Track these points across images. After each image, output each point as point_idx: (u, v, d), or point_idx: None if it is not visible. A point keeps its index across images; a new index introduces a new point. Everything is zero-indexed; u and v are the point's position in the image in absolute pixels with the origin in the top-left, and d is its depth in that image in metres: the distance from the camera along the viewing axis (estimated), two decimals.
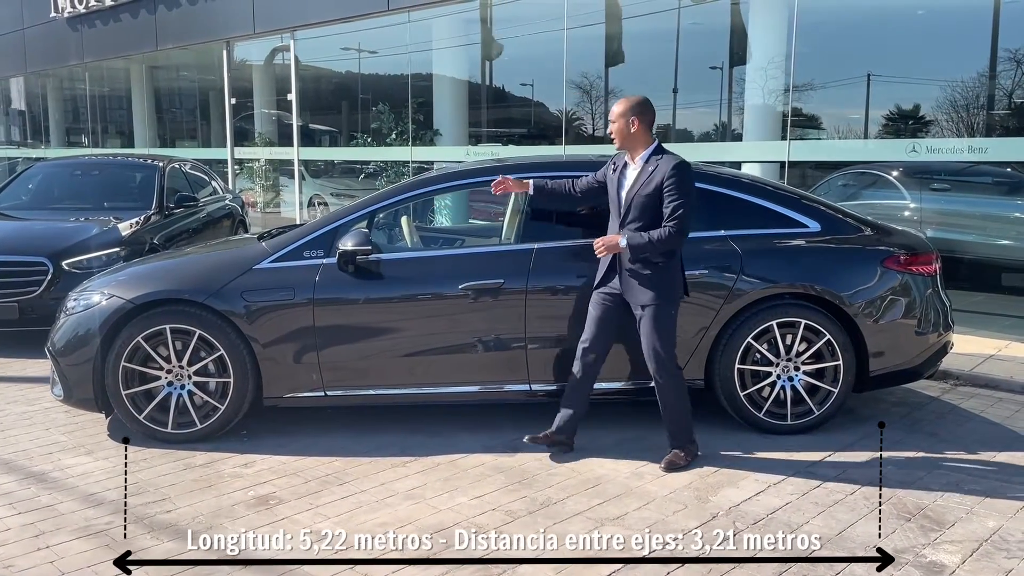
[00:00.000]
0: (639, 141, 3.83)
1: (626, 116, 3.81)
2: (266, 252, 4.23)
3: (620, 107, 3.84)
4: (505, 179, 4.14)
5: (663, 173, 3.71)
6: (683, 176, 3.70)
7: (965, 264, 7.02)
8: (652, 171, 3.75)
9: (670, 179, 3.68)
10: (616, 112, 3.85)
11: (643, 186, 3.76)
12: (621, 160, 3.93)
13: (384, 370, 4.16)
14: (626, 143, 3.86)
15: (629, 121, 3.80)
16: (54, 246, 6.03)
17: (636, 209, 3.77)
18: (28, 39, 16.03)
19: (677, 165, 3.71)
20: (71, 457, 3.97)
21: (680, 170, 3.70)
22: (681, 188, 3.69)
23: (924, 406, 4.73)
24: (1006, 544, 3.10)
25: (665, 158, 3.77)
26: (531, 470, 3.80)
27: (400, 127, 10.45)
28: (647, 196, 3.74)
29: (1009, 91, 6.83)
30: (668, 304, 3.78)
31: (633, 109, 3.81)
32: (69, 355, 4.14)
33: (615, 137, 3.87)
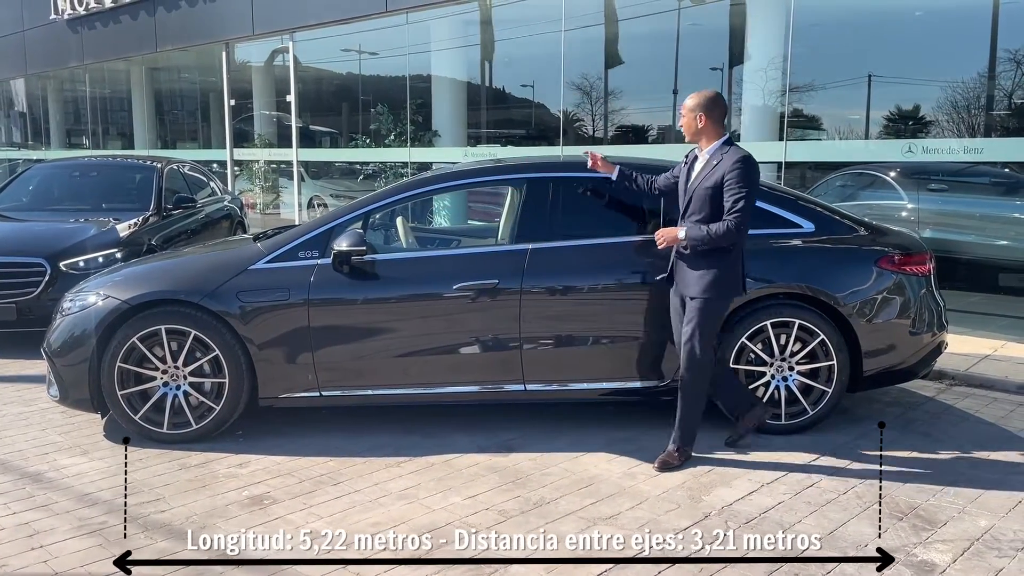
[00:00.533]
0: (706, 135, 3.84)
1: (694, 111, 3.83)
2: (261, 253, 4.24)
3: (690, 102, 3.86)
4: (595, 155, 4.21)
5: (726, 166, 3.71)
6: (746, 170, 3.69)
7: (962, 264, 7.03)
8: (716, 164, 3.76)
9: (732, 172, 3.68)
10: (685, 107, 3.87)
11: (705, 178, 3.77)
12: (692, 154, 3.96)
13: (379, 370, 4.17)
14: (694, 137, 3.88)
15: (697, 116, 3.82)
16: (52, 247, 6.05)
17: (697, 201, 3.78)
18: (28, 41, 16.06)
19: (741, 159, 3.70)
20: (67, 457, 3.98)
21: (743, 164, 3.69)
22: (743, 182, 3.67)
23: (919, 406, 4.74)
24: (998, 543, 3.11)
25: (730, 151, 3.76)
26: (525, 470, 3.81)
27: (399, 128, 10.47)
28: (708, 188, 3.74)
29: (1008, 92, 6.83)
30: (716, 300, 3.78)
31: (701, 105, 3.82)
32: (65, 356, 4.15)
33: (684, 131, 3.90)
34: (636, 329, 4.19)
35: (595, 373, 4.23)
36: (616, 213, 4.42)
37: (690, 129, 3.87)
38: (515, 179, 4.59)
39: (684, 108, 3.88)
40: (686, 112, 3.87)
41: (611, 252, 4.26)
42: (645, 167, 4.36)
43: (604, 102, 9.62)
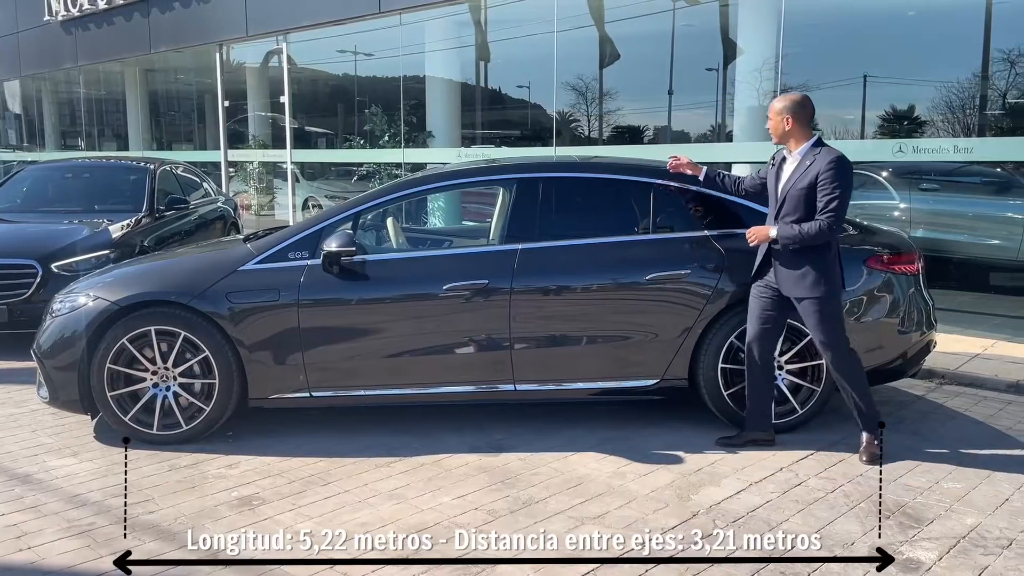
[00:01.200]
0: (795, 137, 3.87)
1: (781, 114, 3.85)
2: (251, 254, 4.25)
3: (777, 105, 3.89)
4: (680, 158, 4.24)
5: (819, 167, 3.74)
6: (840, 170, 3.72)
7: (954, 264, 7.05)
8: (809, 165, 3.78)
9: (826, 172, 3.71)
10: (773, 109, 3.90)
11: (799, 179, 3.79)
12: (780, 154, 3.98)
13: (369, 371, 4.17)
14: (782, 139, 3.91)
15: (784, 119, 3.85)
16: (43, 249, 6.05)
17: (791, 202, 3.81)
18: (22, 42, 16.04)
19: (835, 159, 3.73)
20: (56, 459, 3.98)
21: (837, 164, 3.72)
22: (837, 182, 3.71)
23: (909, 405, 4.75)
24: (983, 541, 3.12)
25: (823, 152, 3.79)
26: (515, 470, 3.82)
27: (393, 129, 10.48)
28: (802, 189, 3.77)
29: (1000, 92, 6.86)
30: (827, 297, 3.81)
31: (788, 108, 3.84)
32: (55, 357, 4.15)
33: (772, 133, 3.92)
34: (626, 329, 4.20)
35: (585, 373, 4.24)
36: (605, 213, 4.43)
37: (778, 131, 3.89)
38: (505, 179, 4.60)
39: (771, 111, 3.91)
40: (773, 115, 3.89)
41: (601, 252, 4.27)
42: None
43: (599, 103, 9.64)
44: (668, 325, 4.18)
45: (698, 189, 4.38)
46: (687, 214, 4.35)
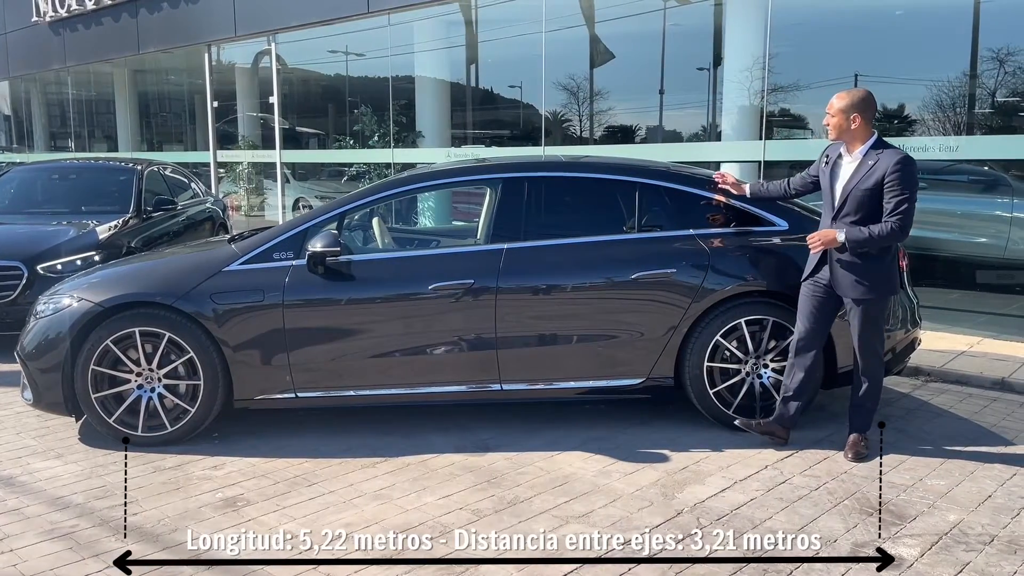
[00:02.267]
0: (859, 136, 3.80)
1: (847, 112, 3.77)
2: (235, 254, 4.24)
3: (841, 102, 3.77)
4: (726, 176, 4.24)
5: (885, 167, 3.67)
6: (909, 171, 3.67)
7: (941, 261, 7.08)
8: (873, 165, 3.72)
9: (894, 173, 3.65)
10: (837, 107, 3.79)
11: (862, 180, 3.73)
12: (835, 152, 3.89)
13: (355, 371, 4.16)
14: (844, 136, 3.82)
15: (850, 118, 3.77)
16: (29, 250, 6.02)
17: (853, 203, 3.75)
18: (10, 43, 15.97)
19: (902, 160, 3.67)
20: (40, 461, 3.97)
21: (905, 164, 3.67)
22: (906, 183, 3.66)
23: (894, 402, 4.77)
24: (965, 537, 3.14)
25: (887, 152, 3.73)
26: (500, 469, 3.82)
27: (382, 129, 10.46)
28: (866, 190, 3.71)
29: (989, 90, 6.89)
30: (881, 300, 3.82)
31: (856, 105, 3.76)
32: (38, 359, 4.13)
33: (832, 130, 3.82)
34: (612, 328, 4.21)
35: (571, 372, 4.24)
36: (591, 212, 4.44)
37: (841, 129, 3.80)
38: (491, 179, 4.59)
39: (834, 108, 3.79)
40: (837, 113, 3.78)
41: (586, 251, 4.27)
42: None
43: (589, 102, 9.65)
44: (654, 324, 4.18)
45: (684, 188, 4.39)
46: (673, 213, 4.35)
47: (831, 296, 3.89)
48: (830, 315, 3.95)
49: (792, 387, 3.98)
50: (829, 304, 3.92)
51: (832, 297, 3.89)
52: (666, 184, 4.40)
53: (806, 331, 3.94)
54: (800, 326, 3.96)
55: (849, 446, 3.91)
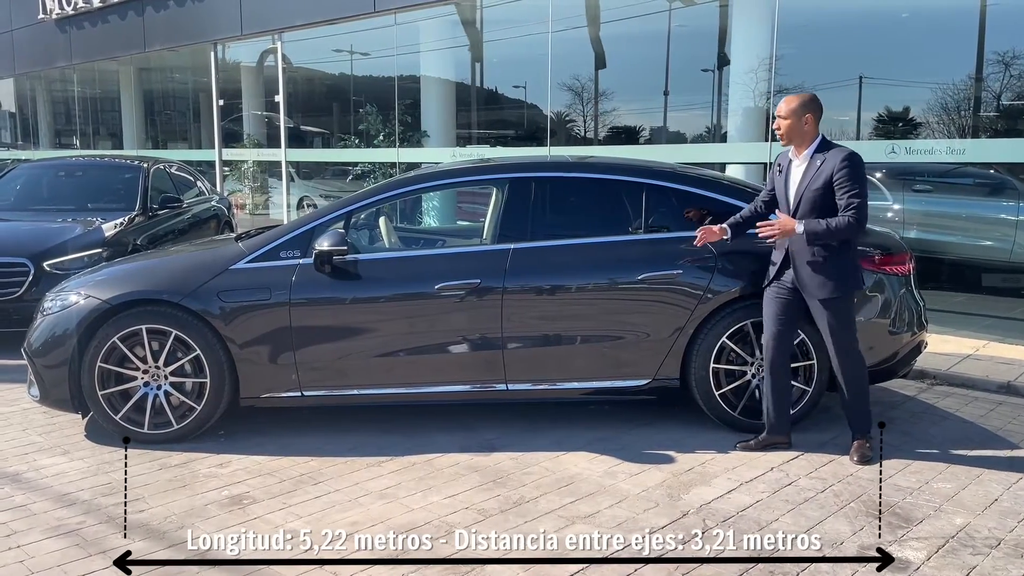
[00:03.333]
0: (808, 137, 3.83)
1: (799, 114, 3.80)
2: (242, 253, 4.24)
3: (792, 104, 3.81)
4: (705, 231, 4.01)
5: (832, 166, 3.72)
6: (855, 167, 3.71)
7: (946, 265, 7.07)
8: (820, 165, 3.76)
9: (841, 171, 3.69)
10: (788, 109, 3.81)
11: (812, 181, 3.76)
12: (785, 159, 3.93)
13: (361, 370, 4.17)
14: (794, 139, 3.84)
15: (803, 119, 3.80)
16: (35, 247, 6.03)
17: (806, 204, 3.78)
18: (17, 41, 16.00)
19: (848, 157, 3.72)
20: (47, 457, 3.97)
21: (852, 161, 3.71)
22: (855, 178, 3.70)
23: (899, 405, 4.76)
24: (972, 541, 3.13)
25: (833, 151, 3.77)
26: (506, 469, 3.82)
27: (387, 129, 10.47)
28: (817, 190, 3.75)
29: (994, 93, 6.88)
30: (846, 298, 3.83)
31: (807, 106, 3.80)
32: (45, 356, 4.14)
33: (783, 134, 3.85)
34: (618, 329, 4.21)
35: (577, 372, 4.24)
36: (598, 213, 4.44)
37: (793, 131, 3.82)
38: (497, 179, 4.60)
39: (785, 112, 3.82)
40: (790, 115, 3.81)
41: (593, 252, 4.27)
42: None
43: (594, 103, 9.65)
44: (660, 325, 4.18)
45: (691, 190, 4.40)
46: (679, 214, 4.34)
47: (797, 297, 3.90)
48: (796, 317, 3.95)
49: (772, 394, 3.98)
50: (794, 306, 3.92)
51: (797, 298, 3.90)
52: (673, 185, 4.40)
53: (773, 335, 3.93)
54: (768, 331, 3.95)
55: (853, 450, 3.91)
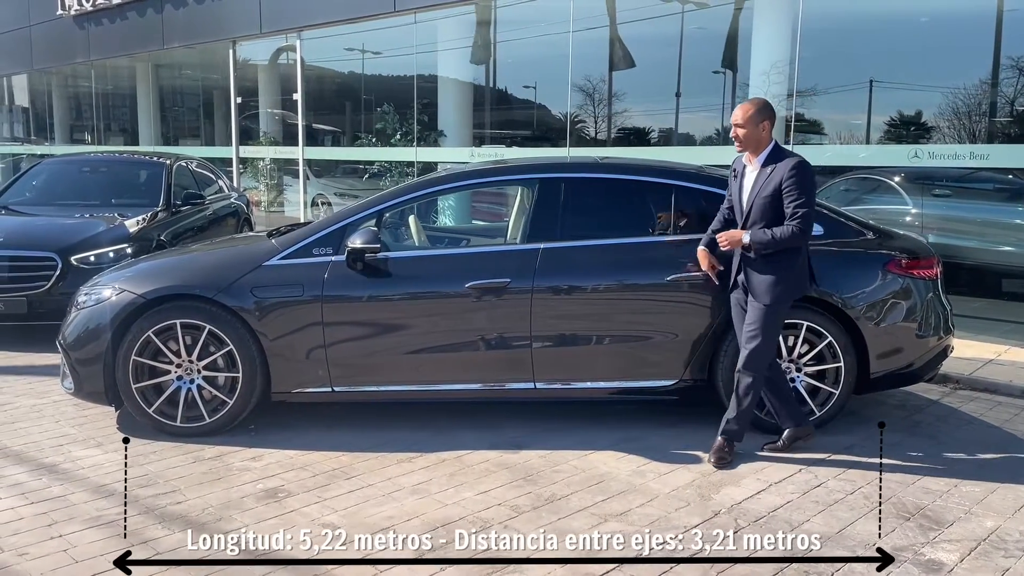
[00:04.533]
0: (764, 143, 3.85)
1: (756, 121, 3.81)
2: (276, 249, 4.28)
3: (749, 112, 3.81)
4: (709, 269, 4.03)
5: (782, 174, 3.75)
6: (803, 175, 3.74)
7: (966, 270, 7.07)
8: (771, 172, 3.78)
9: (790, 179, 3.73)
10: (746, 117, 3.81)
11: (763, 188, 3.79)
12: (740, 165, 3.96)
13: (391, 367, 4.21)
14: (751, 145, 3.85)
15: (760, 126, 3.82)
16: (63, 241, 6.09)
17: (757, 211, 3.80)
18: (35, 36, 16.10)
19: (796, 165, 3.75)
20: (81, 449, 4.02)
21: (800, 169, 3.74)
22: (801, 187, 3.73)
23: (924, 409, 4.78)
24: (1004, 544, 3.15)
25: (784, 159, 3.80)
26: (535, 467, 3.85)
27: (405, 128, 10.51)
28: (767, 197, 3.77)
29: (1011, 98, 6.89)
30: (781, 303, 3.85)
31: (763, 112, 3.82)
32: (80, 349, 4.19)
33: (741, 141, 3.85)
34: (646, 329, 4.24)
35: (604, 372, 4.27)
36: (627, 214, 4.46)
37: (753, 139, 3.83)
38: (527, 179, 4.63)
39: (744, 119, 3.81)
40: (747, 123, 3.81)
41: (622, 253, 4.30)
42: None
43: (609, 104, 9.67)
44: (688, 326, 4.21)
45: (717, 191, 4.40)
46: (708, 215, 4.37)
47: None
48: None
49: (770, 394, 3.99)
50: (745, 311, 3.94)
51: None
52: (701, 187, 4.43)
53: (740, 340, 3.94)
54: (740, 332, 3.95)
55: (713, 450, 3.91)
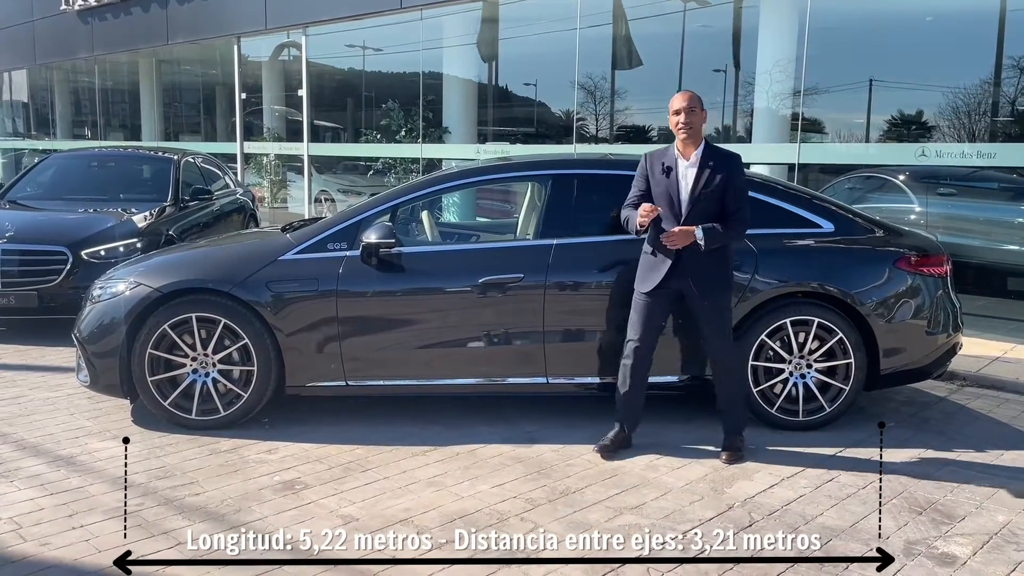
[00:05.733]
0: (701, 136, 3.84)
1: (698, 111, 3.79)
2: (291, 244, 4.31)
3: (695, 100, 3.77)
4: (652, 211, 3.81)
5: (725, 168, 3.77)
6: (742, 169, 3.83)
7: (971, 268, 7.10)
8: (713, 166, 3.77)
9: (734, 174, 3.77)
10: (691, 105, 3.75)
11: (707, 183, 3.76)
12: (670, 159, 3.84)
13: (404, 361, 4.24)
14: (696, 134, 3.80)
15: (703, 114, 3.82)
16: (74, 236, 6.11)
17: (702, 207, 3.77)
18: (38, 31, 16.09)
19: (738, 160, 3.81)
20: (98, 441, 4.05)
21: (740, 164, 3.81)
22: (743, 181, 3.82)
23: (932, 405, 4.81)
24: (1016, 537, 3.19)
25: (722, 153, 3.83)
26: (549, 460, 3.88)
27: (409, 124, 10.53)
28: (713, 193, 3.76)
29: (1014, 97, 6.92)
30: (728, 297, 3.91)
31: (701, 103, 3.80)
32: (96, 342, 4.21)
33: (691, 131, 3.76)
34: None
35: (616, 368, 4.29)
36: None
37: (699, 127, 3.80)
38: (540, 175, 4.65)
39: (694, 104, 3.76)
40: (690, 112, 3.74)
41: (635, 248, 4.31)
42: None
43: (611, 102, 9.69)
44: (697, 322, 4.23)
45: None
46: None
47: (672, 305, 3.92)
48: (664, 323, 3.97)
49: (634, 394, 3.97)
50: (666, 314, 3.95)
51: (672, 306, 3.93)
52: None
53: (649, 345, 3.92)
54: (646, 337, 3.90)
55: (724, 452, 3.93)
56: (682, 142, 3.82)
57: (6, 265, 5.89)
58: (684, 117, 3.77)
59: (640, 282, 3.92)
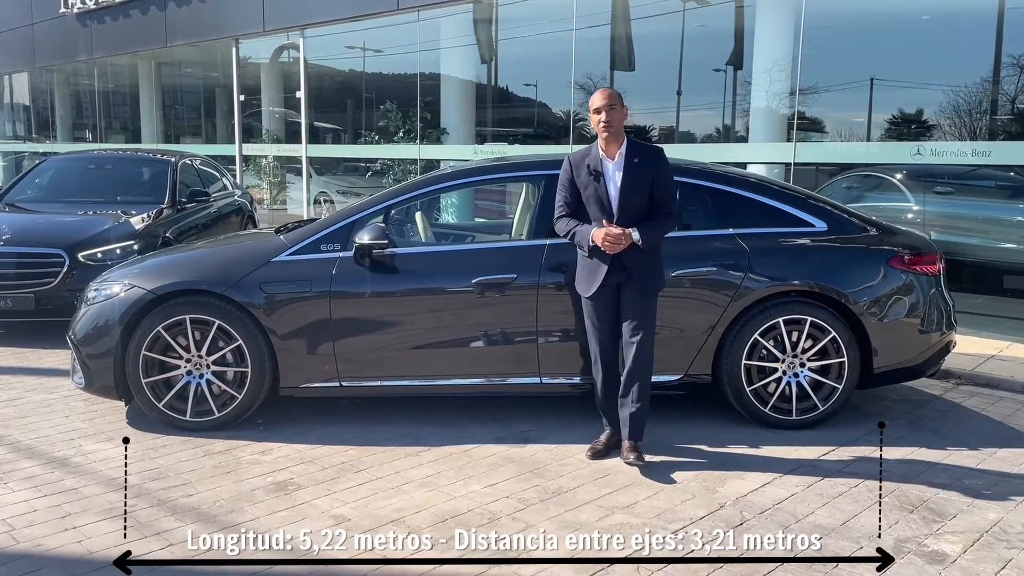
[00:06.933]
0: (623, 133, 3.81)
1: (622, 104, 3.76)
2: (284, 245, 4.32)
3: (613, 97, 3.72)
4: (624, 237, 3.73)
5: (652, 163, 3.75)
6: (667, 162, 3.82)
7: (967, 267, 7.10)
8: (639, 162, 3.74)
9: (661, 168, 3.77)
10: (614, 102, 3.70)
11: (635, 179, 3.72)
12: (595, 161, 3.77)
13: (398, 361, 4.25)
14: (618, 133, 3.74)
15: (623, 110, 3.79)
16: (70, 238, 6.13)
17: (633, 204, 3.74)
18: (37, 34, 16.13)
19: (663, 153, 3.81)
20: (92, 443, 4.06)
21: (664, 156, 3.81)
22: (671, 175, 3.81)
23: (926, 404, 4.82)
24: (1006, 535, 3.19)
25: (646, 148, 3.83)
26: (542, 460, 3.89)
27: (407, 125, 10.54)
28: (642, 191, 3.74)
29: (1013, 96, 6.92)
30: (659, 291, 3.88)
31: (621, 99, 3.77)
32: (90, 344, 4.23)
33: (613, 126, 3.70)
34: None
35: None
36: None
37: (621, 124, 3.74)
38: (535, 175, 4.66)
39: (615, 101, 3.71)
40: (612, 112, 3.68)
41: None
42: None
43: None
44: (693, 321, 4.25)
45: (724, 188, 4.46)
46: (713, 212, 4.41)
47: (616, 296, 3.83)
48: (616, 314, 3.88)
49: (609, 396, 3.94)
50: (615, 305, 3.85)
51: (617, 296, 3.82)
52: (706, 183, 4.46)
53: (611, 344, 3.88)
54: (605, 339, 3.87)
55: (627, 450, 3.80)
56: (604, 140, 3.77)
57: (3, 268, 5.92)
58: (605, 115, 3.71)
59: (581, 285, 3.88)
